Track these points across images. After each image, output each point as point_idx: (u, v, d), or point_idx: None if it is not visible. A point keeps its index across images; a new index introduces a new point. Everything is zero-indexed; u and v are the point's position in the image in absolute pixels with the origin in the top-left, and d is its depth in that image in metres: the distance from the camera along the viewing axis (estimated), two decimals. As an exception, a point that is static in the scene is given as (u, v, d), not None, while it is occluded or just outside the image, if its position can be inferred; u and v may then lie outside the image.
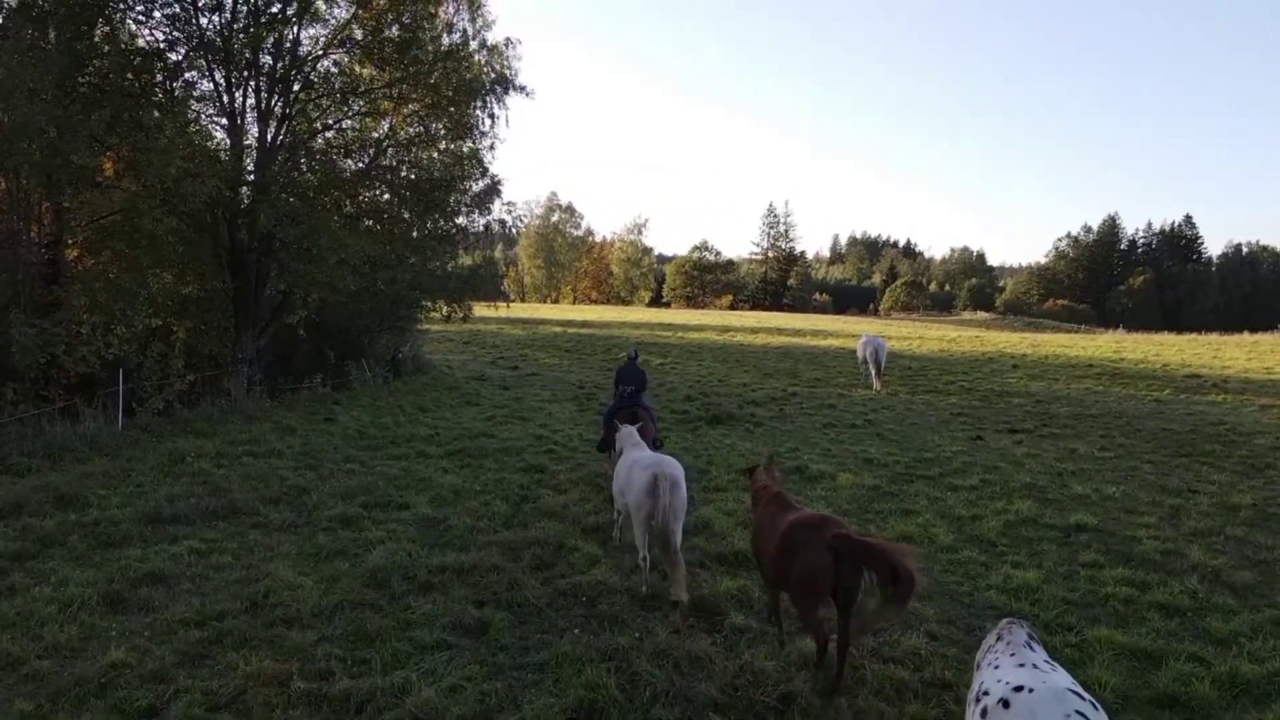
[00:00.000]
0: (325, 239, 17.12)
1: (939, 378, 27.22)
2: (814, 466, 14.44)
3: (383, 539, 10.47)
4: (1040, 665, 4.85)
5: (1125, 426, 19.12)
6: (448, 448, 16.04)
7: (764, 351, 36.14)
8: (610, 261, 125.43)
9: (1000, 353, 34.62)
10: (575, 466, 14.70)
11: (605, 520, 11.20)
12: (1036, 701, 4.45)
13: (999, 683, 4.73)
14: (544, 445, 16.52)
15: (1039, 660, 4.93)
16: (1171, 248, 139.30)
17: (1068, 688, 4.53)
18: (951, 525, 11.36)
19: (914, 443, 17.13)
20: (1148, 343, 41.55)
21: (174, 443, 15.57)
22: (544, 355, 34.50)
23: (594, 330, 45.34)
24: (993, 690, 4.71)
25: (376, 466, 14.46)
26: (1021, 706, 4.48)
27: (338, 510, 11.64)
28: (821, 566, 6.75)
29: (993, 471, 14.50)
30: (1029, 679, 4.64)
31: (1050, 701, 4.42)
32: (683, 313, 74.41)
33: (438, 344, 33.88)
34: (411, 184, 20.27)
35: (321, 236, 17.07)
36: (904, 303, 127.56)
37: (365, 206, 20.26)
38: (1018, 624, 5.32)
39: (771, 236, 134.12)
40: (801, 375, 28.26)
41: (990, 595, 9.00)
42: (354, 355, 24.74)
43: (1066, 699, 4.42)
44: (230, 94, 18.97)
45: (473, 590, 8.89)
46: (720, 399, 22.57)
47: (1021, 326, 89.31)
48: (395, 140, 20.61)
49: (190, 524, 11.18)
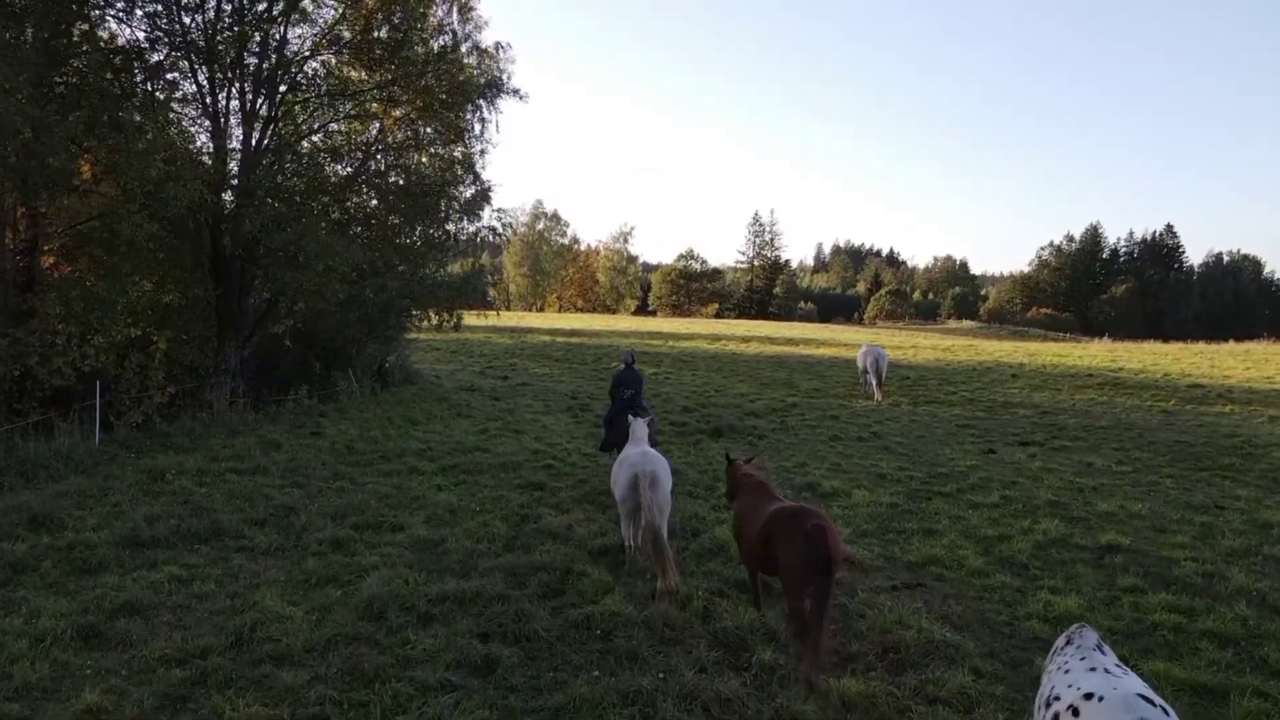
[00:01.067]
0: (312, 245, 16.39)
1: (939, 388, 26.74)
2: (826, 483, 13.85)
3: (377, 564, 9.82)
4: (1111, 670, 4.64)
5: (1137, 439, 18.65)
6: (441, 463, 15.37)
7: (758, 361, 35.63)
8: (596, 270, 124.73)
9: (997, 362, 34.20)
10: (576, 483, 14.06)
11: (613, 543, 10.57)
12: (1107, 709, 4.28)
13: (1070, 688, 4.56)
14: (541, 460, 15.88)
15: (1110, 664, 4.71)
16: (1153, 256, 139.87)
17: (1139, 693, 4.34)
18: (979, 547, 10.79)
19: (925, 456, 16.59)
20: (1140, 351, 41.27)
21: (153, 459, 14.84)
22: (534, 365, 33.84)
23: (583, 339, 44.69)
24: (1063, 695, 4.56)
25: (367, 484, 13.78)
26: (1092, 714, 4.31)
27: (328, 532, 10.97)
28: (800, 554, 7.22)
29: (1011, 487, 13.95)
30: (1100, 685, 4.45)
31: (1121, 709, 4.24)
32: (670, 321, 73.88)
33: (424, 353, 33.15)
34: (402, 189, 19.54)
35: (309, 243, 16.33)
36: (889, 311, 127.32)
37: (354, 212, 19.51)
38: (1088, 628, 5.11)
39: (757, 245, 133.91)
40: (799, 385, 27.71)
41: (1032, 626, 8.42)
42: (340, 365, 24.02)
43: (1137, 706, 4.22)
44: (214, 95, 18.23)
45: (476, 622, 8.26)
46: (719, 410, 21.99)
47: (1008, 335, 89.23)
48: (385, 144, 19.89)
49: (171, 547, 10.51)
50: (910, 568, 10.05)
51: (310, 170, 18.89)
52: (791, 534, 7.38)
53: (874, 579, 9.66)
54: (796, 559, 7.25)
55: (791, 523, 7.46)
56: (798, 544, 7.25)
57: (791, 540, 7.34)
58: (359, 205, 20.08)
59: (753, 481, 8.91)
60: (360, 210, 20.01)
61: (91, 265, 17.45)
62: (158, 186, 15.24)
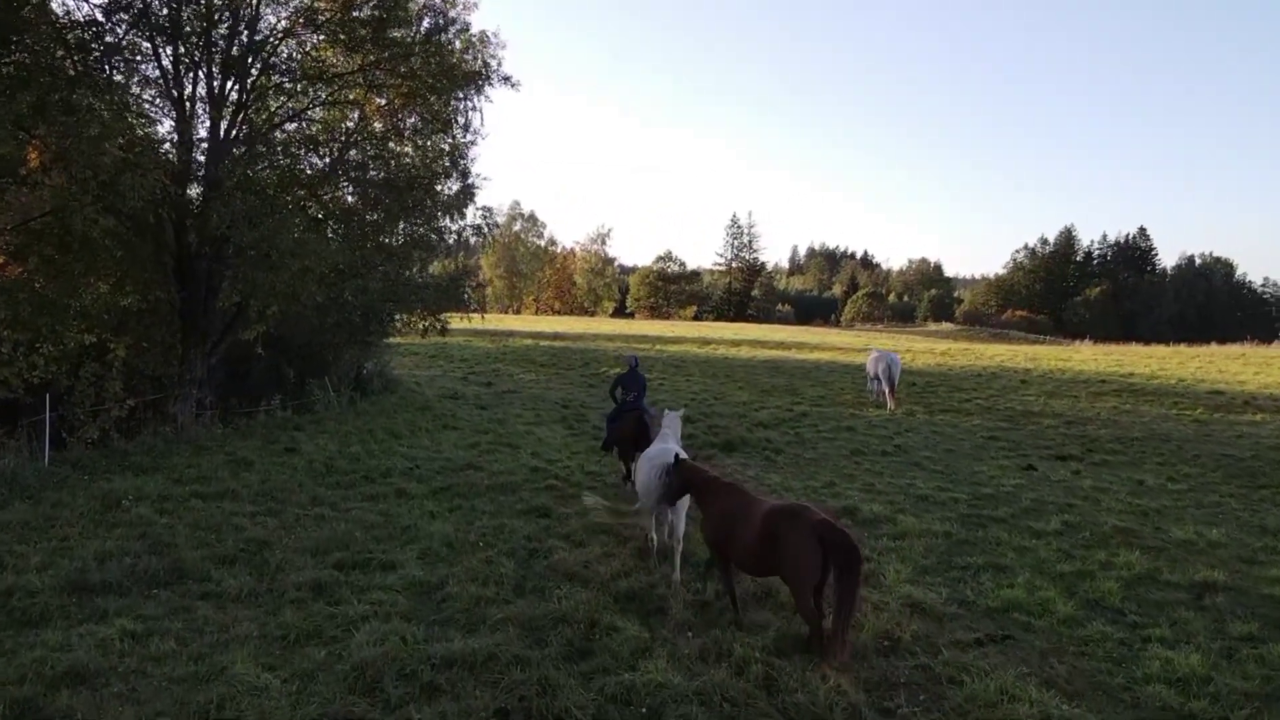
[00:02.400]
0: (286, 243, 14.73)
1: (950, 395, 25.47)
2: (866, 508, 12.44)
3: (367, 614, 8.33)
4: None
5: (1179, 452, 17.45)
6: (432, 484, 13.86)
7: (752, 366, 34.22)
8: (573, 272, 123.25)
9: (1001, 367, 32.99)
10: (587, 509, 12.60)
11: (641, 585, 9.13)
12: None
13: None
14: (543, 479, 14.41)
15: None
16: (1126, 259, 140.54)
17: None
18: (1060, 587, 9.43)
19: (962, 474, 15.28)
20: (1141, 355, 40.37)
21: (109, 481, 13.21)
22: (518, 370, 32.30)
23: (568, 343, 43.17)
24: None
25: (350, 510, 12.24)
26: None
27: (307, 573, 9.44)
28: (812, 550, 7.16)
29: (1069, 511, 12.64)
30: None
31: None
32: (653, 324, 72.46)
33: (403, 358, 31.49)
34: (384, 183, 17.88)
35: (282, 240, 14.67)
36: (866, 313, 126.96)
37: (332, 208, 17.82)
38: None
39: (735, 247, 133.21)
40: (803, 392, 26.34)
41: (1157, 691, 7.06)
42: (317, 373, 22.39)
43: None
44: (179, 78, 16.53)
45: (493, 694, 6.79)
46: (725, 421, 20.56)
47: (988, 337, 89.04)
48: (366, 134, 18.24)
49: (124, 594, 8.97)
50: (990, 615, 8.68)
51: (284, 161, 17.20)
52: (799, 529, 7.27)
53: (952, 630, 8.28)
54: (808, 554, 7.16)
55: (795, 519, 7.37)
56: (807, 539, 7.19)
57: (800, 535, 7.23)
58: (337, 200, 18.38)
59: (724, 484, 8.65)
60: (339, 205, 18.30)
61: (41, 265, 15.72)
62: (113, 176, 13.59)
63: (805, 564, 7.23)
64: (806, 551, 7.18)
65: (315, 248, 15.04)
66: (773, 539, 7.43)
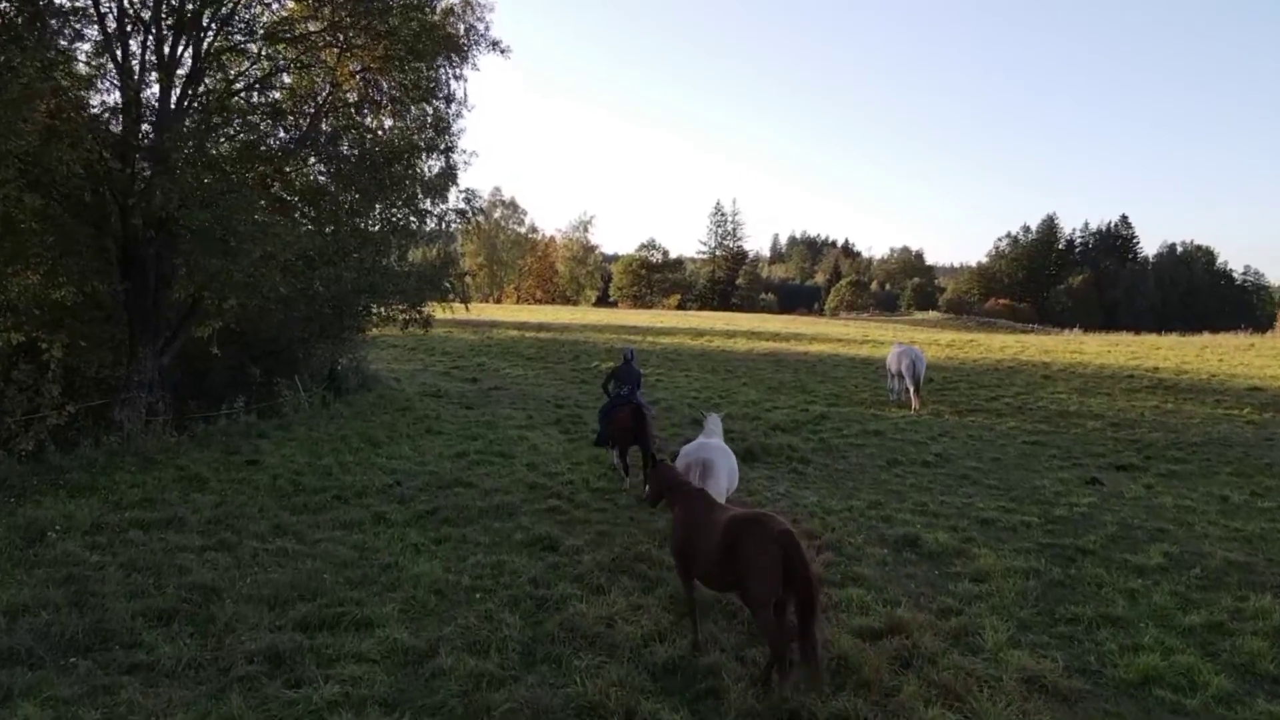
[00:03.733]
0: (245, 226, 12.67)
1: (973, 393, 23.67)
2: (929, 536, 10.58)
3: (335, 701, 6.48)
4: None
5: (1247, 460, 15.76)
6: (415, 506, 11.93)
7: (752, 359, 32.30)
8: (555, 260, 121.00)
9: (1017, 360, 31.03)
10: (598, 536, 10.70)
11: (682, 654, 7.28)
12: None
13: None
14: (542, 498, 12.51)
15: None
16: (1108, 247, 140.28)
17: None
18: (1198, 647, 7.63)
19: (1020, 489, 13.48)
20: (1142, 345, 38.65)
21: (38, 506, 11.20)
22: (505, 364, 30.30)
23: (555, 334, 41.15)
24: None
25: (319, 542, 10.31)
26: None
27: (263, 637, 7.51)
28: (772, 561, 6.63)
29: (1164, 538, 10.85)
30: None
31: None
32: (639, 314, 70.32)
33: (380, 351, 29.37)
34: (359, 158, 15.77)
35: (240, 223, 12.58)
36: (849, 302, 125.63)
37: (299, 186, 15.71)
38: None
39: (719, 235, 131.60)
40: (814, 390, 24.45)
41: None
42: (285, 371, 20.32)
43: None
44: (124, 34, 14.41)
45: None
46: (737, 424, 18.66)
47: (976, 327, 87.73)
48: (339, 103, 16.12)
49: (36, 665, 7.09)
50: (1128, 692, 6.87)
51: (245, 134, 15.10)
52: (760, 541, 6.74)
53: (1084, 712, 6.49)
54: (768, 566, 6.64)
55: (756, 529, 6.83)
56: (769, 551, 6.67)
57: (761, 547, 6.71)
58: (306, 179, 16.25)
59: (692, 489, 8.18)
60: (308, 185, 16.16)
61: (-39, 252, 13.66)
62: (39, 147, 11.52)
63: (764, 575, 6.66)
64: (766, 562, 6.65)
65: (279, 232, 12.95)
66: (732, 550, 6.90)
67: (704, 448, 10.49)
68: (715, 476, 9.92)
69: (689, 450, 10.58)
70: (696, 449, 10.50)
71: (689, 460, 10.18)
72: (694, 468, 9.93)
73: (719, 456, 10.37)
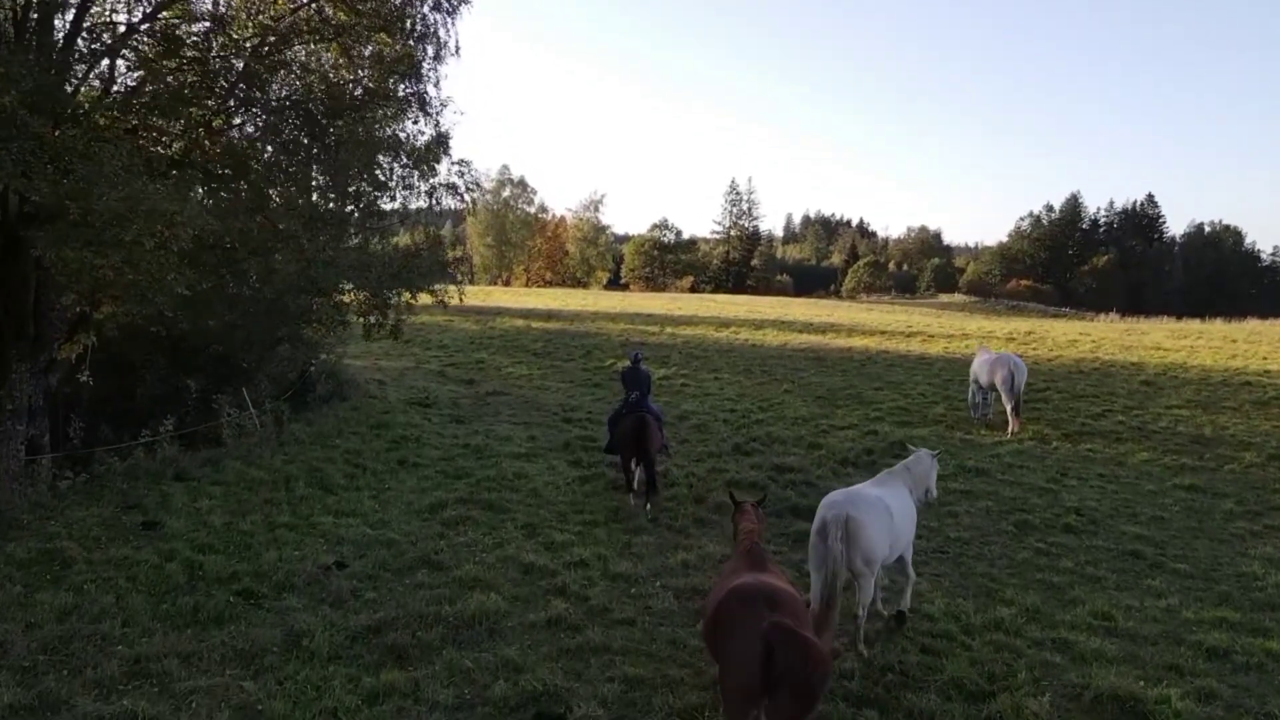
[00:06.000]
0: (112, 199, 8.64)
1: (1071, 406, 19.31)
2: (1150, 695, 6.63)
3: None
4: None
5: None
6: (353, 617, 8.09)
7: (789, 357, 28.03)
8: (565, 240, 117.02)
9: (1099, 360, 26.19)
10: (626, 690, 6.83)
11: None
12: None
13: None
14: (541, 595, 8.66)
15: None
16: (1134, 227, 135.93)
17: None
18: None
19: (1223, 575, 9.58)
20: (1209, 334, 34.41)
21: None
22: (507, 361, 26.33)
23: (564, 324, 37.17)
24: None
25: (188, 698, 6.48)
26: None
27: None
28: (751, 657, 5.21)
29: None
30: None
31: None
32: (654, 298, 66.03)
33: (369, 346, 25.35)
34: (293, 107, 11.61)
35: (101, 195, 8.60)
36: (867, 284, 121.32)
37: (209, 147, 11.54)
38: None
39: (734, 215, 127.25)
40: (873, 400, 20.25)
41: None
42: (238, 380, 16.47)
43: None
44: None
45: None
46: (793, 454, 14.71)
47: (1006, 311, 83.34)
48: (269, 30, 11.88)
49: None
50: None
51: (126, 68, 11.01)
52: (743, 629, 5.39)
53: None
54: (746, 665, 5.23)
55: (742, 611, 5.50)
56: (751, 646, 5.22)
57: (743, 638, 5.33)
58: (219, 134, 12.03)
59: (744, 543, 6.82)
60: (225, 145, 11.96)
61: None
62: None
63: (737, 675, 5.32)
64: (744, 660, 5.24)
65: (161, 206, 8.90)
66: (715, 628, 5.71)
67: (854, 500, 7.69)
68: (860, 544, 7.35)
69: (834, 501, 7.78)
70: (844, 500, 7.72)
71: (826, 515, 7.51)
72: (833, 528, 7.34)
73: (870, 515, 7.57)
